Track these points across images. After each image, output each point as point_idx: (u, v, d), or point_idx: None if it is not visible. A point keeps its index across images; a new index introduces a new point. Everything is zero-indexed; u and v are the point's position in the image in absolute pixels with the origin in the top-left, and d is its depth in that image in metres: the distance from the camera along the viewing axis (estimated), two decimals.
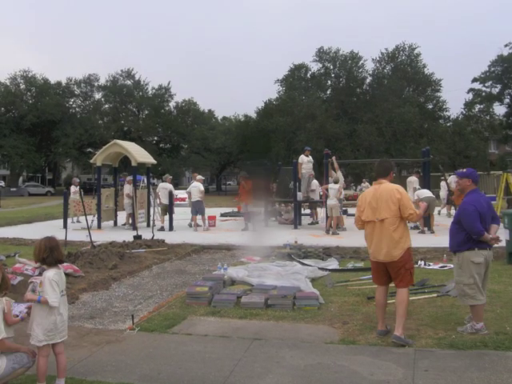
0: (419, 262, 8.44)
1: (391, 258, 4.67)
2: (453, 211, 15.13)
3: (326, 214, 13.79)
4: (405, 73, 44.51)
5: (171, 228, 14.46)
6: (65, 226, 12.46)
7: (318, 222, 16.12)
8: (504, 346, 4.50)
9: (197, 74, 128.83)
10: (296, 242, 10.61)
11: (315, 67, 48.45)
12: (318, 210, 16.81)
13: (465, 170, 5.25)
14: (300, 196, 15.15)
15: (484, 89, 45.91)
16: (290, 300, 5.95)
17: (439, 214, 17.85)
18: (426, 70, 45.21)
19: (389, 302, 5.36)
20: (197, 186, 14.62)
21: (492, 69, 45.02)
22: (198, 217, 14.65)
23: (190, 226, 15.02)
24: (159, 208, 15.24)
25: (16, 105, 47.94)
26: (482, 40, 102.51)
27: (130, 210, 14.68)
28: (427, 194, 12.84)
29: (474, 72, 59.21)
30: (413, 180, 14.70)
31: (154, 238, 11.57)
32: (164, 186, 14.98)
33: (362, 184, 31.76)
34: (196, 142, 53.25)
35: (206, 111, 61.63)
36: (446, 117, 46.07)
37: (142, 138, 49.60)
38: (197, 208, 14.54)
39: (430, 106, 45.77)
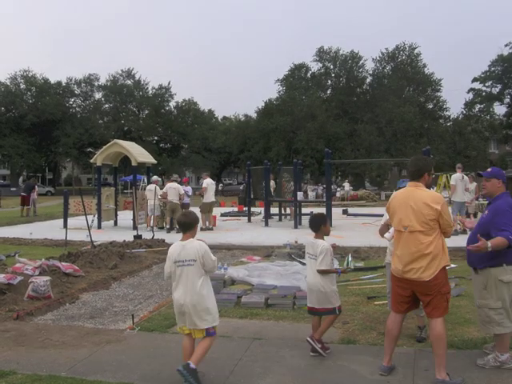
0: None
1: (420, 276, 3.78)
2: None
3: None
4: (405, 72, 44.53)
5: (172, 228, 14.44)
6: (65, 226, 12.46)
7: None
8: None
9: (197, 74, 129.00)
10: (296, 241, 10.60)
11: (315, 67, 48.59)
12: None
13: (489, 169, 4.31)
14: (301, 195, 15.18)
15: (484, 88, 46.00)
16: (290, 300, 5.95)
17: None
18: (426, 69, 45.30)
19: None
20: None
21: (492, 68, 45.04)
22: None
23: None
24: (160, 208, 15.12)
25: (16, 104, 47.92)
26: (483, 40, 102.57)
27: (157, 211, 14.60)
28: None
29: (475, 72, 59.24)
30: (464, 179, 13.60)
31: (154, 237, 11.57)
32: (173, 186, 14.45)
33: (344, 184, 31.54)
34: (196, 141, 53.32)
35: (206, 111, 61.73)
36: (446, 116, 46.16)
37: (143, 138, 49.65)
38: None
39: (430, 106, 45.83)
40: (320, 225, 4.54)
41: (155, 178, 15.47)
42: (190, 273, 3.83)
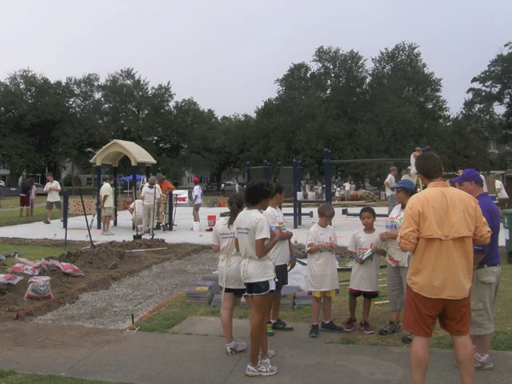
0: None
1: (465, 293, 3.28)
2: None
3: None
4: (404, 72, 44.55)
5: (171, 228, 14.45)
6: (65, 226, 12.45)
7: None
8: (504, 346, 4.50)
9: (197, 74, 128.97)
10: (296, 241, 10.58)
11: (315, 67, 48.62)
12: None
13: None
14: (301, 195, 15.18)
15: (484, 88, 45.98)
16: (290, 300, 5.95)
17: None
18: (425, 69, 45.32)
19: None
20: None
21: (492, 68, 45.03)
22: None
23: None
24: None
25: (16, 104, 47.92)
26: (483, 40, 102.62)
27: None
28: None
29: (474, 71, 59.28)
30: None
31: (154, 237, 11.57)
32: (150, 191, 13.77)
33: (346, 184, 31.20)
34: (196, 141, 53.34)
35: (206, 111, 61.73)
36: (446, 116, 46.17)
37: (142, 138, 49.65)
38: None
39: (430, 106, 45.84)
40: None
41: (153, 178, 15.32)
42: None
